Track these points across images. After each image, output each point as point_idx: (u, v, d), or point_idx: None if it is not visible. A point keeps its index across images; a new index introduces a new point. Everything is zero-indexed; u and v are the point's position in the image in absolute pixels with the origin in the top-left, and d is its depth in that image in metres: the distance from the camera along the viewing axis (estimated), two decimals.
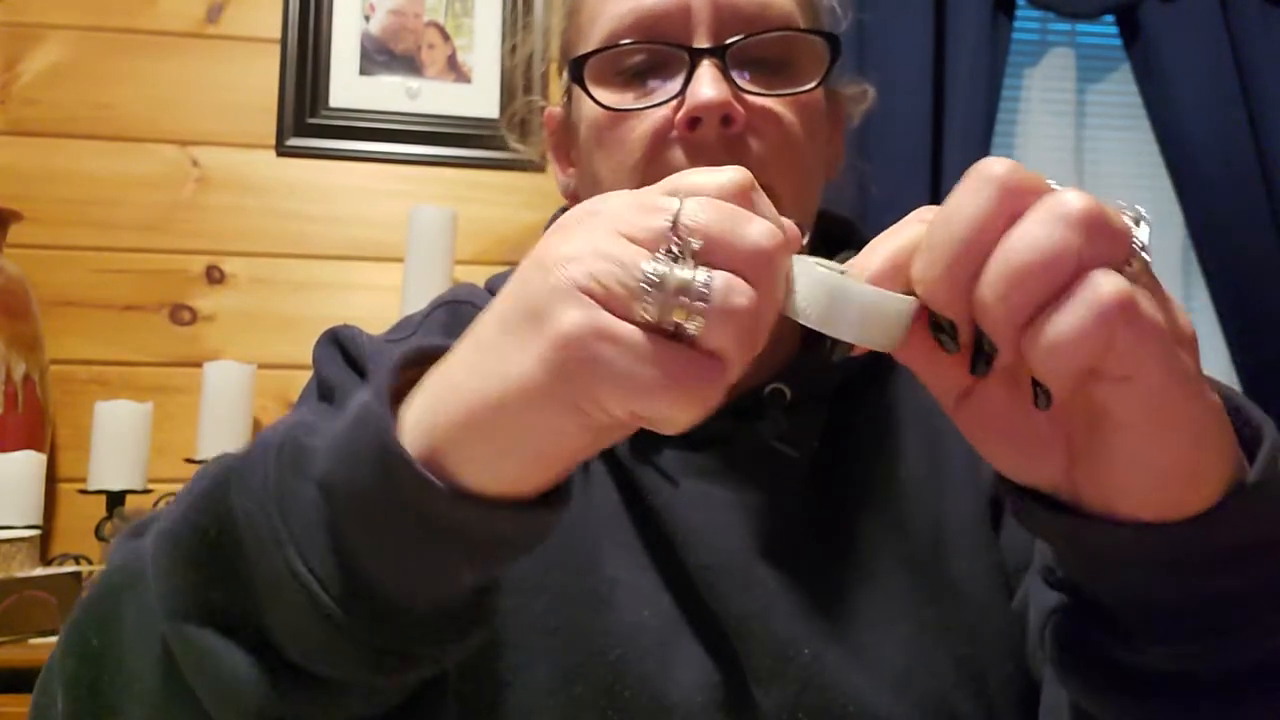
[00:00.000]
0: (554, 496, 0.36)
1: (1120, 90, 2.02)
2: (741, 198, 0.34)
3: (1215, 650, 0.37)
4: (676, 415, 0.32)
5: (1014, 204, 0.32)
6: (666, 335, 0.32)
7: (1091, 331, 0.30)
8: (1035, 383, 0.34)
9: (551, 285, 0.32)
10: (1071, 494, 0.37)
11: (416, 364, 0.37)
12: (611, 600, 0.58)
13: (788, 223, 0.35)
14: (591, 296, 0.32)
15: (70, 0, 1.79)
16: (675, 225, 0.32)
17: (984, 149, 1.87)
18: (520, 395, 0.32)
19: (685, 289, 0.31)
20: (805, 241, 0.60)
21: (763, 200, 0.35)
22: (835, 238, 0.68)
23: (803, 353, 0.65)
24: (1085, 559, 0.38)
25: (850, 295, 0.34)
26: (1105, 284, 0.31)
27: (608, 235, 0.33)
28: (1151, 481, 0.34)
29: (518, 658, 0.57)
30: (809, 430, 0.62)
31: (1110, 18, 1.98)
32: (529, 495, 0.35)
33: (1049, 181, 0.33)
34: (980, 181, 0.33)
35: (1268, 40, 1.90)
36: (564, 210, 0.42)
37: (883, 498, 0.62)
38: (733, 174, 0.34)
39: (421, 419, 0.35)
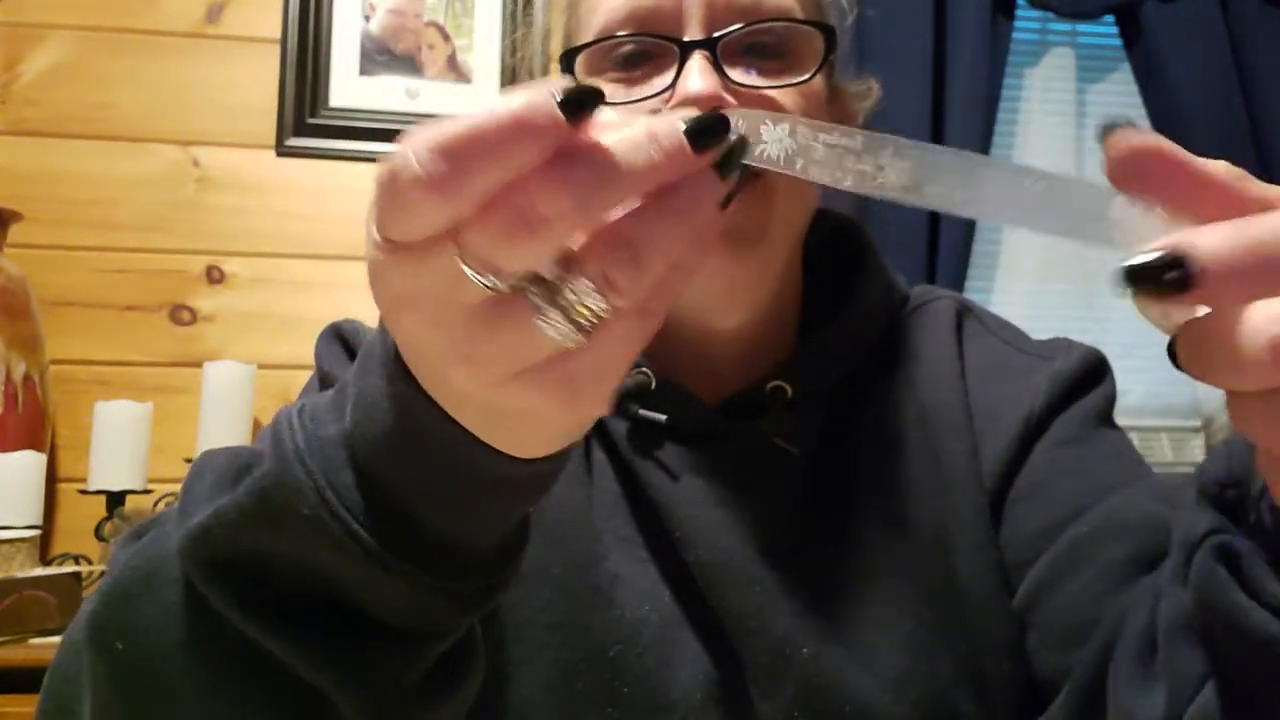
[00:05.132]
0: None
1: (1120, 90, 2.02)
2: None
3: None
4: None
5: None
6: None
7: None
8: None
9: None
10: None
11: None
12: (613, 595, 0.58)
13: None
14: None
15: (71, 0, 1.79)
16: None
17: (984, 149, 1.87)
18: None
19: None
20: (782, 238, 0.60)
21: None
22: (837, 236, 0.68)
23: (803, 350, 0.65)
24: None
25: None
26: None
27: None
28: None
29: (518, 652, 0.56)
30: (809, 427, 0.62)
31: (1110, 18, 1.98)
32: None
33: None
34: None
35: (1267, 40, 1.90)
36: None
37: (883, 496, 0.61)
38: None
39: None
